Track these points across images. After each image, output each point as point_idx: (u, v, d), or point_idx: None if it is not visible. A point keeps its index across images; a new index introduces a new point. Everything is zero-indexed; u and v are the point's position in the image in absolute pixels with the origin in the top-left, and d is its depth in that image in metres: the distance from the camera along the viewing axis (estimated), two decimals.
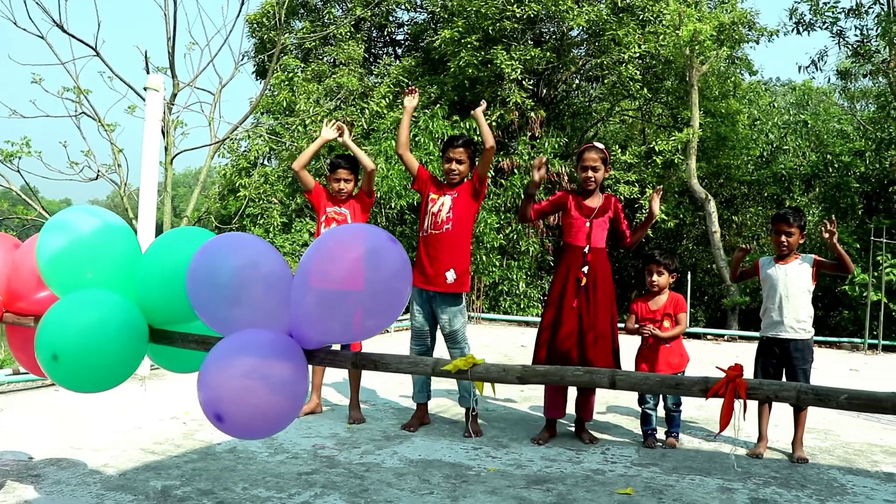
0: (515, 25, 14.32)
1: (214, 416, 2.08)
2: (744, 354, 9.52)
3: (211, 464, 4.09)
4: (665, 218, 15.10)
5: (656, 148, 15.36)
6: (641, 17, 15.36)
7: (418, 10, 18.53)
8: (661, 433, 5.01)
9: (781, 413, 5.14)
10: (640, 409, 5.00)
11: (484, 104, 5.17)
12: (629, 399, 6.13)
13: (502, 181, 14.78)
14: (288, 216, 14.89)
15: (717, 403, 5.50)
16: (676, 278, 5.01)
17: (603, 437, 5.05)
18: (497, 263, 14.40)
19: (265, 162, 16.07)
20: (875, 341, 11.59)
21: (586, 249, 4.80)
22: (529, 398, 6.14)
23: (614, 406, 5.98)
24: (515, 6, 13.91)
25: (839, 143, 15.69)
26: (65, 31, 8.98)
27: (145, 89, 6.56)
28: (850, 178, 14.66)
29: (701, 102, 15.17)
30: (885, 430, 5.58)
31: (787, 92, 24.67)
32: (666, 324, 4.86)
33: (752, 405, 4.93)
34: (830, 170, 15.28)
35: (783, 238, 4.74)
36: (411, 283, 2.21)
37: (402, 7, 17.98)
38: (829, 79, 17.76)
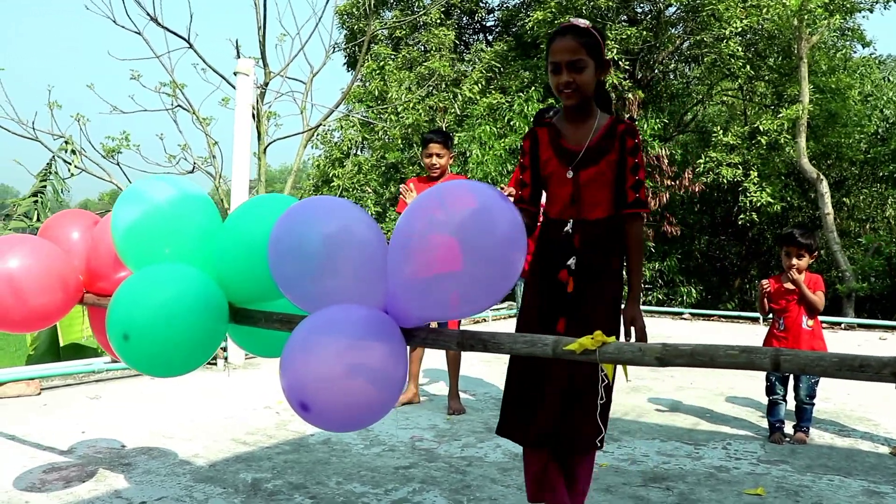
0: (610, 3, 13.79)
1: (299, 405, 1.81)
2: (865, 344, 8.85)
3: (304, 456, 3.88)
4: (771, 201, 14.26)
5: (761, 128, 14.54)
6: None
7: None
8: (787, 427, 4.54)
9: None
10: (765, 400, 4.54)
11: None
12: (748, 388, 5.65)
13: None
14: (382, 205, 14.80)
15: (847, 396, 4.89)
16: (817, 258, 4.48)
17: (723, 430, 4.62)
18: None
19: (358, 152, 16.03)
20: None
21: (569, 227, 2.67)
22: (638, 388, 5.74)
23: (733, 397, 5.51)
24: None
25: None
26: (159, 25, 9.05)
27: (235, 74, 6.46)
28: None
29: (809, 77, 14.27)
30: None
31: None
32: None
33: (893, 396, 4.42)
34: None
35: None
36: (526, 252, 1.87)
37: None
38: None
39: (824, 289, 4.42)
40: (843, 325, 11.71)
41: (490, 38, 18.76)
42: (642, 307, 2.93)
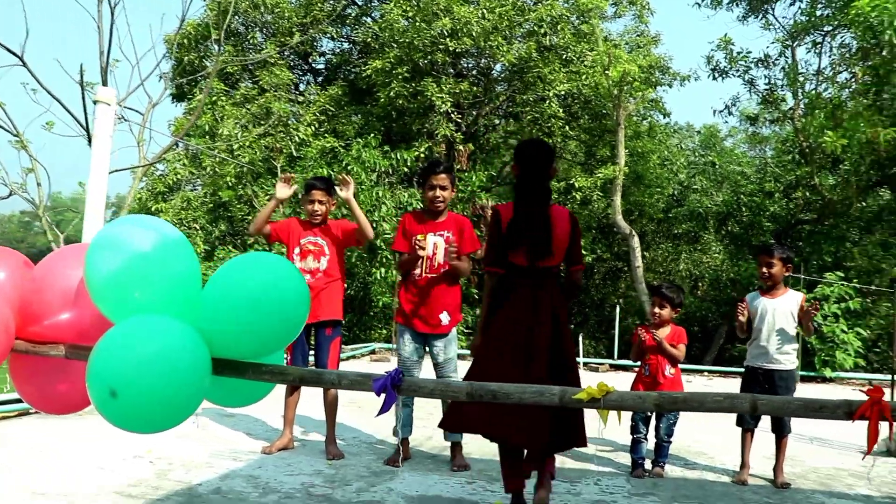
0: (446, 59, 14.41)
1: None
2: (697, 386, 9.73)
3: None
4: (584, 253, 15.35)
5: (575, 184, 15.72)
6: (564, 56, 15.75)
7: (341, 40, 18.44)
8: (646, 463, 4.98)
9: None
10: (616, 438, 4.98)
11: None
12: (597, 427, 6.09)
13: None
14: (211, 243, 14.34)
15: (682, 433, 5.35)
16: (679, 312, 5.05)
17: (589, 467, 4.99)
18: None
19: (183, 187, 15.49)
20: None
21: None
22: None
23: (592, 437, 5.90)
24: (448, 40, 14.00)
25: (745, 184, 16.51)
26: None
27: (95, 102, 6.17)
28: (762, 218, 15.37)
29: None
30: (841, 455, 5.68)
31: (691, 135, 25.79)
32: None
33: (735, 432, 4.98)
34: (744, 209, 15.96)
35: (765, 269, 4.86)
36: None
37: (329, 36, 17.85)
38: (740, 123, 18.70)
39: (686, 341, 4.97)
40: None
41: (319, 80, 18.88)
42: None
